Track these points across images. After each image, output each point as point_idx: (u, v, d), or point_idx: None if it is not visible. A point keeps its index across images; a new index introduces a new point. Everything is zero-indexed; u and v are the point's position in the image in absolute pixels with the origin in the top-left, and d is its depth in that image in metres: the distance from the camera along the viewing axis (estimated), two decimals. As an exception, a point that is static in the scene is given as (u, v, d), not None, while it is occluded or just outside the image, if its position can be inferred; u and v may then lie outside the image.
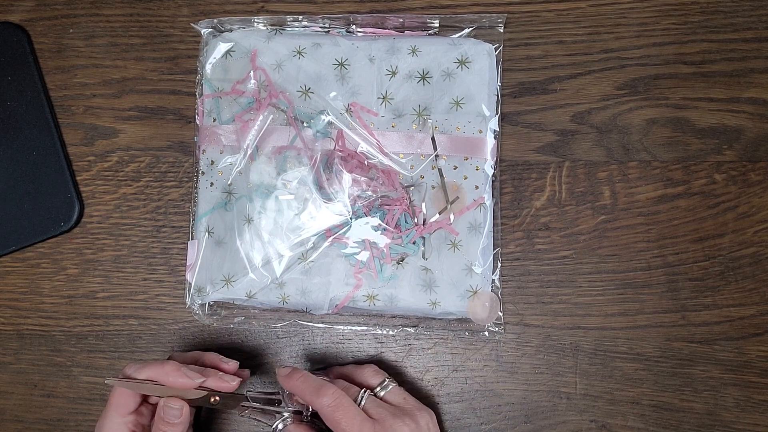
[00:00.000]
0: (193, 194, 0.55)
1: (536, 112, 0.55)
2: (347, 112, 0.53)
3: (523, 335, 0.54)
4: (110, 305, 0.57)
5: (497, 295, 0.53)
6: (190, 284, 0.54)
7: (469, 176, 0.52)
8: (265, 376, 0.56)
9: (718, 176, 0.54)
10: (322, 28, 0.55)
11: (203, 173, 0.55)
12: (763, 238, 0.53)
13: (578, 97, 0.55)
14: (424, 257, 0.52)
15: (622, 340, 0.54)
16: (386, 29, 0.55)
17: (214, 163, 0.54)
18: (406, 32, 0.55)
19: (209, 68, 0.55)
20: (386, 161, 0.52)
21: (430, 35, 0.55)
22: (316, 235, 0.52)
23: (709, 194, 0.54)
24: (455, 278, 0.52)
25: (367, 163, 0.53)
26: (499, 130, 0.54)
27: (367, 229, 0.52)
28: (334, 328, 0.55)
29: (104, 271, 0.57)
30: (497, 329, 0.53)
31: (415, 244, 0.52)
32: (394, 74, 0.53)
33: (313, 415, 0.48)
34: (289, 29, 0.55)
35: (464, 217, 0.52)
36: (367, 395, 0.47)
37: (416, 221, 0.53)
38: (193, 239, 0.55)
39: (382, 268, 0.52)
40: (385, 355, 0.55)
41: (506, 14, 0.54)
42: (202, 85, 0.55)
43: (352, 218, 0.52)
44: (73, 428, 0.57)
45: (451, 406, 0.55)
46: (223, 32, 0.55)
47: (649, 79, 0.54)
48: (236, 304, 0.55)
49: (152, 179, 0.57)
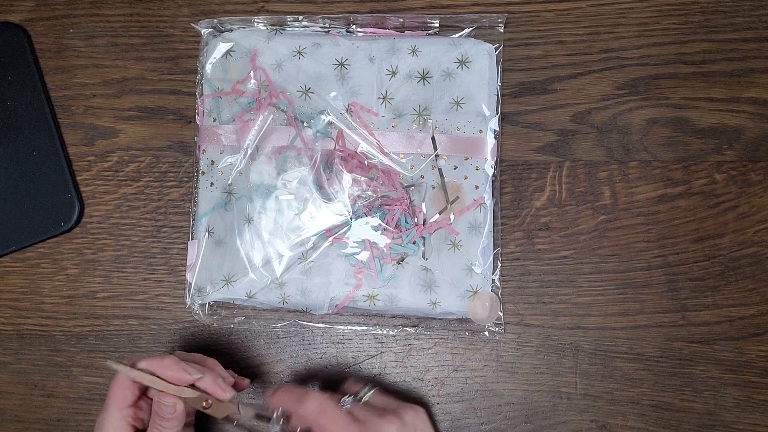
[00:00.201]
0: (193, 194, 0.55)
1: (536, 112, 0.55)
2: (347, 112, 0.53)
3: (523, 335, 0.54)
4: (110, 305, 0.57)
5: (497, 295, 0.53)
6: (190, 284, 0.54)
7: (469, 176, 0.52)
8: (264, 375, 0.56)
9: (718, 176, 0.54)
10: (322, 28, 0.55)
11: (203, 173, 0.55)
12: (763, 238, 0.53)
13: (578, 97, 0.55)
14: (424, 257, 0.52)
15: (622, 340, 0.54)
16: (386, 29, 0.55)
17: (214, 163, 0.54)
18: (406, 32, 0.55)
19: (209, 68, 0.55)
20: (386, 161, 0.52)
21: (430, 35, 0.55)
22: (316, 235, 0.52)
23: (709, 194, 0.54)
24: (455, 278, 0.52)
25: (367, 163, 0.53)
26: (499, 130, 0.54)
27: (367, 229, 0.52)
28: (334, 328, 0.55)
29: (104, 271, 0.57)
30: (497, 329, 0.53)
31: (415, 244, 0.52)
32: (394, 74, 0.53)
33: None
34: (289, 29, 0.55)
35: (464, 217, 0.52)
36: (350, 399, 0.48)
37: (416, 221, 0.52)
38: (193, 239, 0.55)
39: (382, 268, 0.52)
40: (385, 355, 0.55)
41: (506, 14, 0.54)
42: (202, 85, 0.55)
43: (352, 218, 0.52)
44: (73, 428, 0.57)
45: (451, 406, 0.54)
46: (223, 32, 0.55)
47: (649, 79, 0.54)
48: (236, 304, 0.55)
49: (152, 179, 0.57)
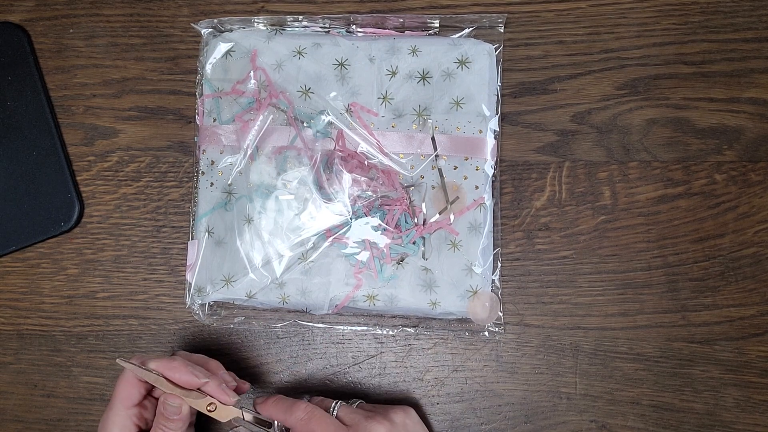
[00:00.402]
0: (193, 194, 0.55)
1: (536, 112, 0.55)
2: (347, 112, 0.53)
3: (523, 335, 0.54)
4: (110, 305, 0.57)
5: (497, 295, 0.53)
6: (190, 284, 0.54)
7: (469, 176, 0.52)
8: (264, 375, 0.56)
9: (718, 176, 0.54)
10: (322, 28, 0.55)
11: (203, 173, 0.55)
12: (763, 238, 0.53)
13: (578, 97, 0.55)
14: (424, 257, 0.52)
15: (622, 340, 0.54)
16: (386, 29, 0.55)
17: (214, 163, 0.54)
18: (406, 32, 0.55)
19: (209, 68, 0.55)
20: (386, 161, 0.52)
21: (430, 35, 0.55)
22: (316, 235, 0.52)
23: (709, 194, 0.54)
24: (455, 278, 0.52)
25: (367, 163, 0.53)
26: (499, 130, 0.54)
27: (367, 229, 0.52)
28: (334, 328, 0.55)
29: (104, 271, 0.57)
30: (497, 329, 0.53)
31: (415, 244, 0.52)
32: (394, 74, 0.53)
33: None
34: (289, 29, 0.55)
35: (464, 217, 0.52)
36: (339, 404, 0.48)
37: (416, 221, 0.52)
38: (193, 239, 0.55)
39: (382, 268, 0.52)
40: (385, 355, 0.55)
41: (506, 14, 0.54)
42: (202, 85, 0.55)
43: (352, 218, 0.52)
44: (73, 428, 0.57)
45: (451, 406, 0.54)
46: (223, 32, 0.55)
47: (649, 79, 0.54)
48: (236, 304, 0.55)
49: (152, 179, 0.57)
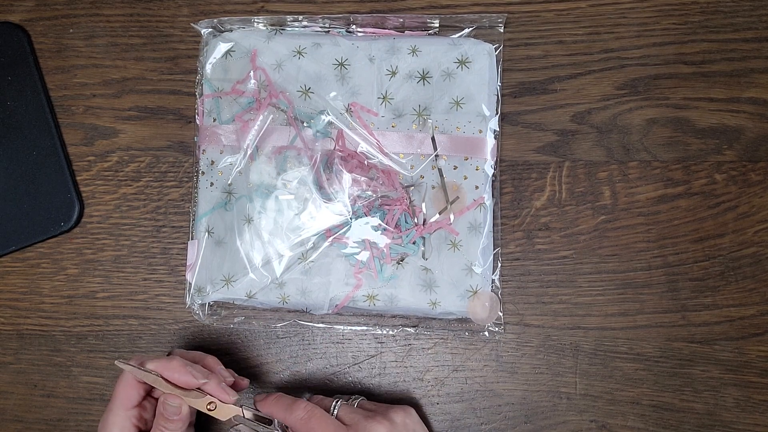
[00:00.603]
0: (193, 194, 0.55)
1: (536, 112, 0.55)
2: (347, 112, 0.53)
3: (523, 335, 0.54)
4: (110, 305, 0.57)
5: (497, 295, 0.53)
6: (190, 284, 0.54)
7: (469, 176, 0.52)
8: (264, 375, 0.56)
9: (718, 176, 0.54)
10: (322, 28, 0.55)
11: (203, 173, 0.55)
12: (763, 238, 0.53)
13: (578, 97, 0.55)
14: (424, 257, 0.52)
15: (622, 340, 0.54)
16: (386, 29, 0.55)
17: (214, 163, 0.54)
18: (406, 32, 0.55)
19: (209, 68, 0.55)
20: (386, 161, 0.52)
21: (430, 35, 0.55)
22: (316, 235, 0.52)
23: (709, 194, 0.54)
24: (455, 278, 0.52)
25: (367, 163, 0.53)
26: (499, 130, 0.54)
27: (367, 229, 0.52)
28: (334, 328, 0.55)
29: (104, 271, 0.57)
30: (497, 329, 0.53)
31: (415, 244, 0.52)
32: (394, 74, 0.53)
33: None
34: (289, 29, 0.55)
35: (464, 217, 0.52)
36: (340, 404, 0.48)
37: (416, 221, 0.52)
38: (193, 239, 0.55)
39: (382, 268, 0.52)
40: (385, 355, 0.55)
41: (506, 14, 0.54)
42: (202, 85, 0.55)
43: (352, 218, 0.52)
44: (73, 428, 0.57)
45: (451, 406, 0.54)
46: (223, 32, 0.55)
47: (649, 79, 0.54)
48: (236, 304, 0.55)
49: (152, 179, 0.57)
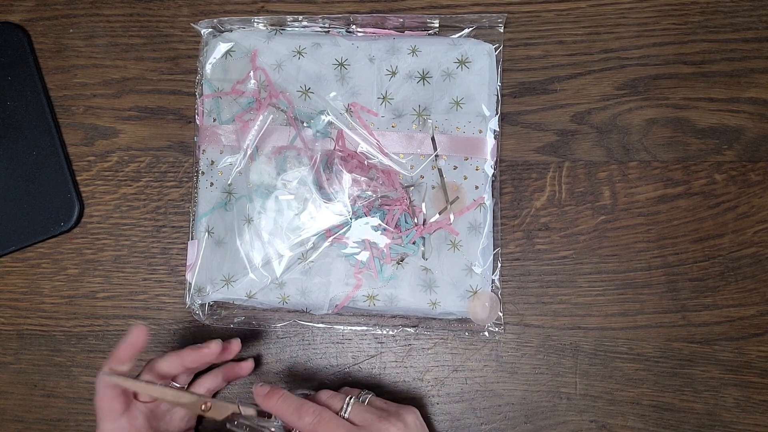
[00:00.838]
0: (193, 194, 0.55)
1: (536, 112, 0.55)
2: (347, 112, 0.53)
3: (523, 335, 0.54)
4: (110, 305, 0.57)
5: (497, 295, 0.53)
6: (190, 284, 0.54)
7: (469, 176, 0.52)
8: (264, 376, 0.56)
9: (718, 176, 0.54)
10: (322, 28, 0.55)
11: (203, 173, 0.55)
12: (763, 238, 0.53)
13: (578, 97, 0.55)
14: (424, 257, 0.52)
15: (622, 340, 0.54)
16: (386, 29, 0.55)
17: (214, 163, 0.54)
18: (406, 32, 0.55)
19: (209, 68, 0.55)
20: (386, 161, 0.52)
21: (430, 35, 0.55)
22: (316, 235, 0.52)
23: (709, 194, 0.54)
24: (455, 278, 0.52)
25: (367, 163, 0.53)
26: (499, 130, 0.54)
27: (367, 229, 0.52)
28: (334, 328, 0.55)
29: (104, 271, 0.57)
30: (497, 329, 0.53)
31: (415, 244, 0.52)
32: (394, 74, 0.53)
33: None
34: (289, 29, 0.55)
35: (464, 217, 0.52)
36: (352, 402, 0.47)
37: (416, 221, 0.52)
38: (193, 239, 0.55)
39: (382, 268, 0.52)
40: (385, 355, 0.55)
41: (506, 14, 0.54)
42: (202, 85, 0.55)
43: (352, 218, 0.52)
44: (73, 428, 0.57)
45: (451, 406, 0.54)
46: (223, 32, 0.55)
47: (649, 79, 0.54)
48: (236, 304, 0.55)
49: (152, 179, 0.57)
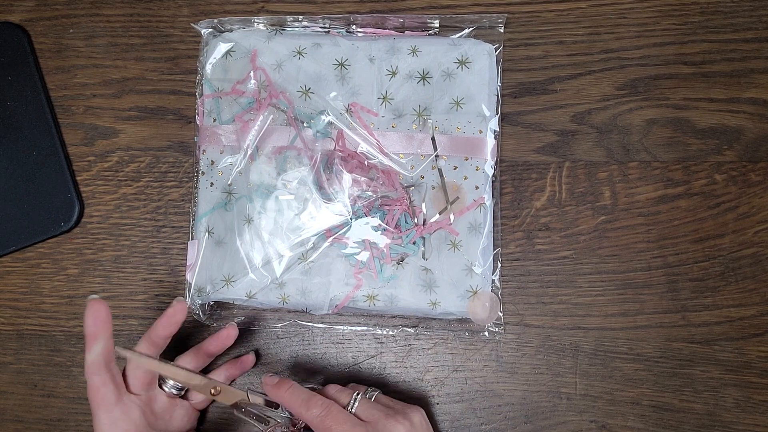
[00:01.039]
0: (193, 194, 0.55)
1: (536, 112, 0.55)
2: (347, 112, 0.53)
3: (523, 335, 0.54)
4: (110, 305, 0.56)
5: (497, 295, 0.53)
6: (190, 284, 0.54)
7: (469, 176, 0.52)
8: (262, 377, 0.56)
9: (718, 176, 0.54)
10: (322, 28, 0.55)
11: (203, 173, 0.55)
12: (763, 238, 0.53)
13: (578, 97, 0.55)
14: (424, 257, 0.52)
15: (622, 340, 0.54)
16: (386, 29, 0.55)
17: (214, 163, 0.54)
18: (406, 32, 0.55)
19: (209, 68, 0.55)
20: (386, 161, 0.52)
21: (430, 35, 0.55)
22: (316, 235, 0.52)
23: (709, 194, 0.54)
24: (455, 278, 0.52)
25: (367, 163, 0.53)
26: (499, 130, 0.54)
27: (367, 229, 0.52)
28: (334, 328, 0.55)
29: (104, 271, 0.57)
30: (497, 329, 0.53)
31: (415, 244, 0.52)
32: (394, 74, 0.53)
33: (305, 427, 0.47)
34: (289, 29, 0.55)
35: (464, 217, 0.52)
36: (360, 398, 0.47)
37: (416, 221, 0.52)
38: (193, 239, 0.55)
39: (382, 268, 0.52)
40: (385, 355, 0.55)
41: (506, 14, 0.54)
42: (202, 85, 0.55)
43: (352, 218, 0.52)
44: (73, 428, 0.57)
45: (451, 406, 0.54)
46: (223, 32, 0.55)
47: (649, 79, 0.54)
48: (236, 304, 0.55)
49: (152, 179, 0.57)
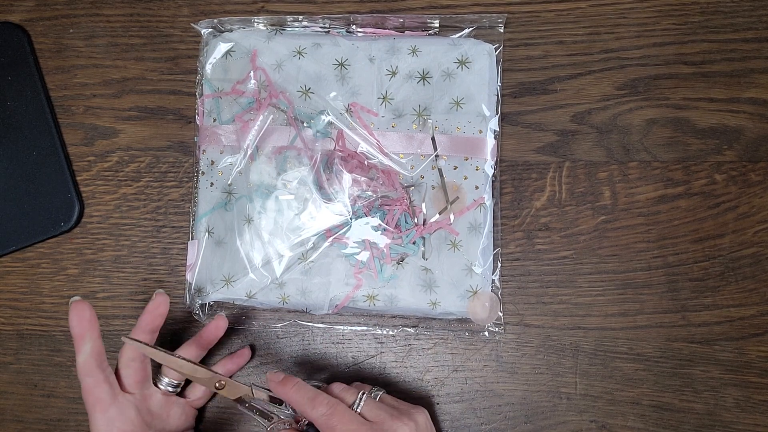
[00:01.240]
0: (193, 194, 0.55)
1: (536, 112, 0.55)
2: (347, 112, 0.53)
3: (523, 335, 0.54)
4: (110, 305, 0.57)
5: (497, 295, 0.53)
6: (190, 284, 0.54)
7: (469, 176, 0.52)
8: (264, 376, 0.56)
9: (718, 176, 0.54)
10: (322, 28, 0.55)
11: (203, 173, 0.55)
12: (763, 238, 0.53)
13: (578, 97, 0.55)
14: (424, 257, 0.52)
15: (622, 340, 0.54)
16: (386, 29, 0.55)
17: (214, 163, 0.54)
18: (406, 32, 0.55)
19: (209, 68, 0.55)
20: (386, 161, 0.52)
21: (430, 35, 0.55)
22: (316, 235, 0.52)
23: (709, 194, 0.54)
24: (455, 278, 0.52)
25: (367, 163, 0.53)
26: (499, 130, 0.54)
27: (367, 229, 0.52)
28: (334, 328, 0.55)
29: (104, 271, 0.57)
30: (497, 329, 0.53)
31: (415, 244, 0.52)
32: (394, 74, 0.53)
33: (308, 424, 0.47)
34: (289, 29, 0.55)
35: (464, 217, 0.52)
36: (365, 397, 0.47)
37: (416, 221, 0.52)
38: (193, 239, 0.55)
39: (382, 268, 0.52)
40: (385, 355, 0.55)
41: (506, 14, 0.54)
42: (202, 85, 0.55)
43: (352, 218, 0.52)
44: (73, 428, 0.57)
45: (451, 406, 0.54)
46: (223, 32, 0.55)
47: (649, 79, 0.54)
48: (236, 304, 0.55)
49: (152, 179, 0.57)
